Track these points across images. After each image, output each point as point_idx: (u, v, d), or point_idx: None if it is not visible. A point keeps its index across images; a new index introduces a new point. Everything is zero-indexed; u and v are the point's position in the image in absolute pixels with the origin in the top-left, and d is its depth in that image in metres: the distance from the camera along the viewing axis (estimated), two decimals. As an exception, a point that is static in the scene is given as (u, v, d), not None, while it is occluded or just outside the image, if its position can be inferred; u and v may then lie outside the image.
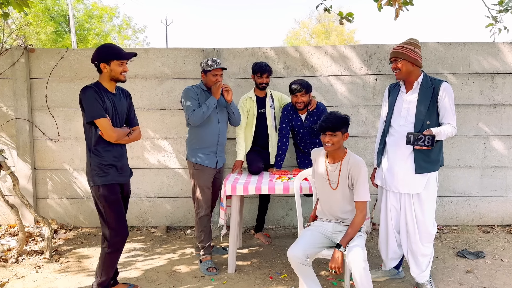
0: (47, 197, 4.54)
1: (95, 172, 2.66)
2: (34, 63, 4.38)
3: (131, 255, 3.79)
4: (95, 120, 2.57)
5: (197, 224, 3.46)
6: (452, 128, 2.81)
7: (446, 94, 2.82)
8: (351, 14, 3.44)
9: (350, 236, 2.62)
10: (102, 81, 2.70)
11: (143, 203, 4.55)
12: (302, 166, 3.88)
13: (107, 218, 2.70)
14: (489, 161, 4.41)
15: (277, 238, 4.23)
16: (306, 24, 29.37)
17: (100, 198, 2.68)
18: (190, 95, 3.34)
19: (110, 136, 2.63)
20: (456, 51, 4.31)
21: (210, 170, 3.43)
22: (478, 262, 3.55)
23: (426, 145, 2.66)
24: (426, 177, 2.89)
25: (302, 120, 3.77)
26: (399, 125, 2.93)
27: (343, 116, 2.67)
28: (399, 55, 2.84)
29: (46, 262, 3.61)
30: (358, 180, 2.65)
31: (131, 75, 4.38)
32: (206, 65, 3.36)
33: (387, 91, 3.14)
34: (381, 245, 3.19)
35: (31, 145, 4.44)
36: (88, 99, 2.57)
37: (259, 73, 3.76)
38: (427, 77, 2.91)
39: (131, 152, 4.46)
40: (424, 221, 2.92)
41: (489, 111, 4.36)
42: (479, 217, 4.48)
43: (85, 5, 20.31)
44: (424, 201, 2.91)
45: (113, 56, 2.64)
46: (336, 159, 2.74)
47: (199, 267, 3.46)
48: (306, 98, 3.63)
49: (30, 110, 4.40)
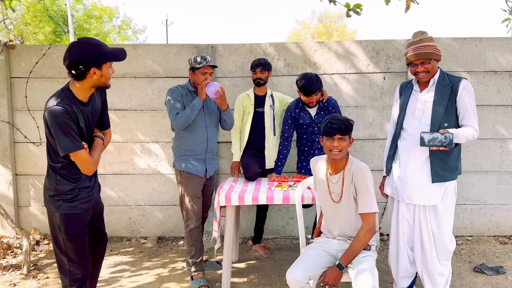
0: (29, 205, 4.21)
1: (58, 197, 2.09)
2: (15, 61, 4.06)
3: (117, 270, 3.46)
4: (71, 153, 2.01)
5: (186, 237, 3.12)
6: (474, 131, 2.49)
7: (466, 93, 2.49)
8: (359, 6, 3.10)
9: (354, 253, 2.28)
10: (78, 90, 2.05)
11: (133, 212, 4.21)
12: (304, 172, 3.54)
13: (66, 251, 2.14)
14: (506, 166, 4.07)
15: (277, 250, 3.89)
16: (307, 25, 29.08)
17: (60, 228, 2.11)
18: (174, 97, 3.00)
19: (88, 170, 2.08)
20: (471, 47, 3.97)
21: (199, 178, 3.09)
22: (498, 278, 3.21)
23: (444, 145, 2.34)
24: (443, 187, 2.55)
25: (311, 116, 3.41)
26: (412, 128, 2.60)
27: (349, 119, 2.34)
28: (429, 55, 2.48)
29: (22, 278, 3.28)
30: (362, 189, 2.31)
31: (118, 74, 4.05)
32: (194, 62, 3.02)
33: (399, 90, 2.81)
34: (391, 261, 2.85)
35: (12, 149, 4.12)
36: (61, 129, 1.94)
37: (254, 68, 3.50)
38: (444, 74, 2.58)
39: (119, 157, 4.14)
40: (442, 237, 2.58)
41: (507, 112, 4.02)
42: (496, 226, 4.14)
43: (84, 5, 20.12)
44: (442, 214, 2.57)
45: (105, 57, 2.03)
46: (338, 169, 2.40)
47: (190, 285, 3.12)
48: (319, 96, 3.34)
49: (10, 112, 4.08)
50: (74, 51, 1.98)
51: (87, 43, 2.01)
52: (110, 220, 4.18)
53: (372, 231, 2.30)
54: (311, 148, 3.47)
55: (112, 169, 4.17)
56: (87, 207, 2.19)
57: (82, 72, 1.98)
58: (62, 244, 2.14)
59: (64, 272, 2.18)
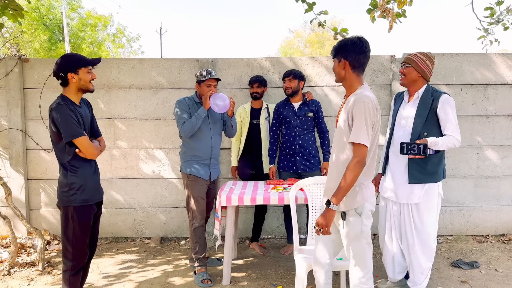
0: (40, 208, 4.49)
1: (73, 190, 2.49)
2: (28, 73, 4.37)
3: (125, 267, 3.75)
4: (75, 139, 2.43)
5: (191, 235, 3.43)
6: (454, 140, 2.81)
7: (444, 106, 2.83)
8: (346, 30, 3.48)
9: (343, 187, 2.16)
10: (69, 94, 2.51)
11: (137, 214, 4.51)
12: (283, 167, 3.92)
13: (73, 240, 2.53)
14: (482, 171, 4.44)
15: (272, 248, 4.21)
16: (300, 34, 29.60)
17: (74, 218, 2.51)
18: (182, 107, 3.35)
19: (92, 153, 2.52)
20: (449, 62, 4.35)
21: (204, 181, 3.41)
22: (473, 272, 3.55)
23: (419, 153, 2.71)
24: (423, 188, 2.90)
25: (295, 109, 3.87)
26: (398, 135, 2.98)
27: None
28: (409, 60, 2.91)
29: (38, 274, 3.56)
30: (356, 118, 2.17)
31: (125, 85, 4.38)
32: (200, 75, 3.37)
33: (393, 100, 3.20)
34: (386, 260, 3.15)
35: (24, 155, 4.40)
36: (65, 118, 2.40)
37: (251, 83, 3.99)
38: (429, 89, 2.93)
39: (125, 162, 4.44)
40: (424, 232, 2.92)
41: (482, 121, 4.40)
42: (473, 226, 4.50)
43: (80, 14, 20.33)
44: (423, 212, 2.91)
45: (80, 63, 2.48)
46: (348, 94, 2.33)
47: (193, 279, 3.43)
48: (294, 83, 3.81)
49: (23, 120, 4.37)
50: (56, 64, 2.50)
51: (64, 56, 2.55)
52: (116, 222, 4.48)
53: (361, 163, 2.16)
54: (292, 143, 3.85)
55: (119, 173, 4.47)
56: (96, 199, 2.64)
57: (63, 78, 2.48)
58: (70, 234, 2.53)
59: (67, 257, 2.58)
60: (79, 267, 2.60)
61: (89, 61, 2.53)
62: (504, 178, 4.43)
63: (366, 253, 2.32)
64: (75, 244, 2.54)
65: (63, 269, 2.60)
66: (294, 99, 3.89)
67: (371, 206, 2.32)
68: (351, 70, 2.26)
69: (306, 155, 3.84)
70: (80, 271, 2.64)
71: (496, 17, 4.14)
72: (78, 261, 2.58)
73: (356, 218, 2.27)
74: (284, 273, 3.57)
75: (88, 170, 2.58)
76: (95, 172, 2.66)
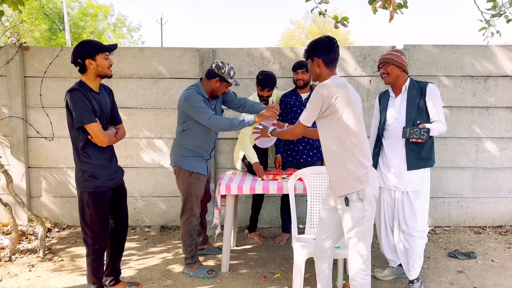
0: (41, 196, 4.52)
1: (85, 177, 2.57)
2: (29, 61, 4.37)
3: (125, 254, 3.77)
4: (86, 125, 2.48)
5: (187, 234, 3.26)
6: (442, 125, 2.96)
7: (433, 94, 2.98)
8: (346, 19, 3.47)
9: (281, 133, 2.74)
10: (87, 80, 2.56)
11: (138, 203, 4.54)
12: (286, 157, 3.90)
13: (91, 225, 2.62)
14: (481, 162, 4.46)
15: (271, 238, 4.24)
16: (301, 25, 29.45)
17: (89, 204, 2.59)
18: (202, 99, 3.09)
19: (102, 141, 2.55)
20: (450, 53, 4.35)
21: (205, 177, 3.32)
22: (469, 262, 3.59)
23: (421, 137, 2.81)
24: (419, 175, 2.98)
25: (302, 100, 3.83)
26: (393, 128, 3.05)
27: None
28: (387, 60, 2.99)
29: (39, 261, 3.60)
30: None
31: (126, 74, 4.38)
32: (227, 75, 3.12)
33: (378, 99, 3.28)
34: (383, 246, 3.25)
35: (25, 144, 4.42)
36: (77, 103, 2.45)
37: (261, 87, 3.72)
38: (414, 81, 3.07)
39: (125, 151, 4.46)
40: (416, 219, 2.98)
41: (482, 113, 4.41)
42: (471, 218, 4.53)
43: (80, 3, 20.21)
44: (421, 197, 2.99)
45: (98, 49, 2.53)
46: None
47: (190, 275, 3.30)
48: (306, 76, 3.73)
49: (24, 108, 4.38)
50: (74, 50, 2.53)
51: (81, 42, 2.58)
52: (116, 210, 4.51)
53: (292, 135, 2.60)
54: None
55: (119, 162, 4.44)
56: (111, 185, 2.70)
57: (82, 64, 2.52)
58: (88, 219, 2.60)
59: (87, 242, 2.66)
60: (100, 252, 2.69)
61: (106, 47, 2.57)
62: (503, 170, 4.45)
63: (367, 240, 2.34)
64: (94, 229, 2.63)
65: (86, 254, 2.70)
66: (302, 90, 3.84)
67: (373, 191, 2.34)
68: (325, 67, 2.43)
69: (310, 145, 3.84)
70: (102, 256, 2.72)
71: (498, 9, 4.12)
72: (98, 246, 2.67)
73: (358, 203, 2.30)
74: (282, 262, 3.61)
75: (102, 157, 2.63)
76: (111, 159, 2.72)
